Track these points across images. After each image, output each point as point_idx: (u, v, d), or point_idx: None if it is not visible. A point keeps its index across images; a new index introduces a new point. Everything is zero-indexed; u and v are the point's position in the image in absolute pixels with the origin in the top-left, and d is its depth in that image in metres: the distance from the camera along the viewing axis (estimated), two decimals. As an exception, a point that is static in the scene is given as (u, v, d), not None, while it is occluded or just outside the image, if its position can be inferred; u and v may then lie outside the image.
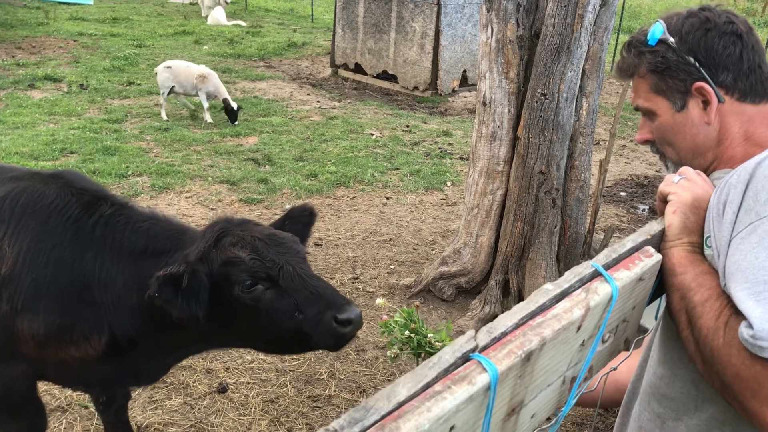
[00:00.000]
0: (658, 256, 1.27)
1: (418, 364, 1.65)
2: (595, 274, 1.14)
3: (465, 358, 0.86)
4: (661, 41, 1.45)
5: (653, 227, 1.34)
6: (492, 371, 0.84)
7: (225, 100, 9.20)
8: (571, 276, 1.11)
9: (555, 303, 1.04)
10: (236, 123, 9.24)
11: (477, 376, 0.83)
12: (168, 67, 9.35)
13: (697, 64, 1.42)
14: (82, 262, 2.28)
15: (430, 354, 1.56)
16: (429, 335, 1.58)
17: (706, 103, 1.43)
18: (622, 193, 7.85)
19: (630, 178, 8.41)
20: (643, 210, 7.41)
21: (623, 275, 1.16)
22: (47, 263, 2.26)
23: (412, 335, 1.58)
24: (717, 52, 1.41)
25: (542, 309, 1.01)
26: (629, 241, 1.26)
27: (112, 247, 2.29)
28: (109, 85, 11.09)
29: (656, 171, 8.69)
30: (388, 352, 1.67)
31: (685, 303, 1.23)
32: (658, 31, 1.46)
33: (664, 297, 1.37)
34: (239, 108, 9.33)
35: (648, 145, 1.58)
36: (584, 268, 1.13)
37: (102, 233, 2.31)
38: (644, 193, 7.92)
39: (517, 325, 0.96)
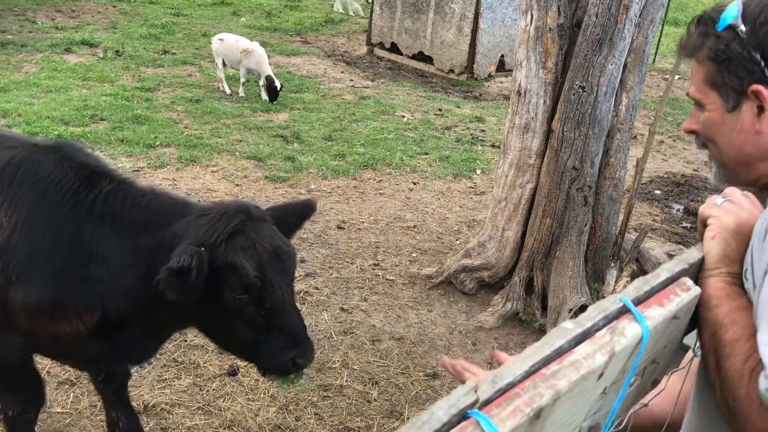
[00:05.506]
0: (696, 290, 1.13)
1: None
2: (624, 311, 1.00)
3: (461, 416, 0.73)
4: (731, 27, 1.23)
5: (692, 255, 1.20)
6: (492, 435, 0.72)
7: (268, 77, 9.05)
8: (595, 312, 0.97)
9: (574, 346, 0.91)
10: (274, 102, 9.12)
11: (474, 441, 0.71)
12: (221, 40, 9.35)
13: (763, 63, 1.21)
14: (81, 236, 2.28)
15: None
16: None
17: (761, 109, 1.23)
18: (657, 192, 7.59)
19: (666, 176, 8.12)
20: (678, 210, 7.15)
21: (656, 313, 1.02)
22: (44, 236, 2.25)
23: None
24: None
25: (558, 353, 0.88)
26: (664, 271, 1.12)
27: (112, 223, 2.29)
28: (144, 53, 11.05)
29: (694, 170, 8.40)
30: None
31: (715, 341, 1.09)
32: (731, 13, 1.23)
33: None
34: (282, 87, 9.19)
35: (693, 135, 1.38)
36: (611, 303, 1.00)
37: (101, 209, 2.30)
38: (680, 192, 7.65)
39: (528, 374, 0.83)
